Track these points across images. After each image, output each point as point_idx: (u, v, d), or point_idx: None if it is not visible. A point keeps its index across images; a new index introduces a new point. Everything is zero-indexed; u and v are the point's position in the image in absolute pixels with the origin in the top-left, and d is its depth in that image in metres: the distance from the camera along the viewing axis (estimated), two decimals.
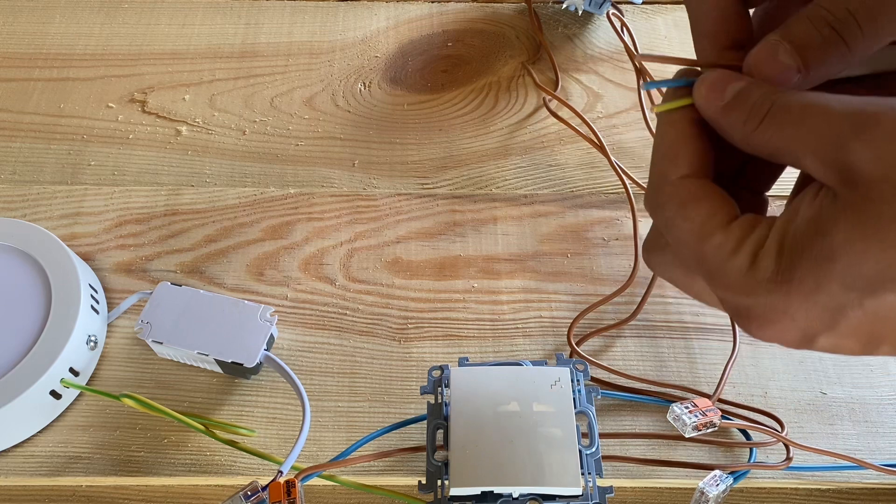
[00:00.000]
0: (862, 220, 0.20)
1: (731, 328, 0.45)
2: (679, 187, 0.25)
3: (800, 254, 0.22)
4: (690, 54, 0.26)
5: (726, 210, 0.24)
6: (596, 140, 0.51)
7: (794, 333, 0.23)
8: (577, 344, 0.44)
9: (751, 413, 0.42)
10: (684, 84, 0.26)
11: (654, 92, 0.53)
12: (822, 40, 0.23)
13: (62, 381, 0.40)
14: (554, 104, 0.54)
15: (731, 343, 0.44)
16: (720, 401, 0.42)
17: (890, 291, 0.21)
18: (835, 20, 0.23)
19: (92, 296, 0.43)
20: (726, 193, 0.25)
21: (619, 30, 0.56)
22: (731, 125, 0.24)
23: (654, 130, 0.52)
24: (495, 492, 0.33)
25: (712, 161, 0.25)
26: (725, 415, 0.41)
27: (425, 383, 0.38)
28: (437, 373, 0.38)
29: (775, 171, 0.28)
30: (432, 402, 0.37)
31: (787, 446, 0.40)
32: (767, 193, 0.28)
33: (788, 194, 0.27)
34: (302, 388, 0.40)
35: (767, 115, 0.23)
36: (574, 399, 0.36)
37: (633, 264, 0.47)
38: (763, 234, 0.23)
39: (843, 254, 0.21)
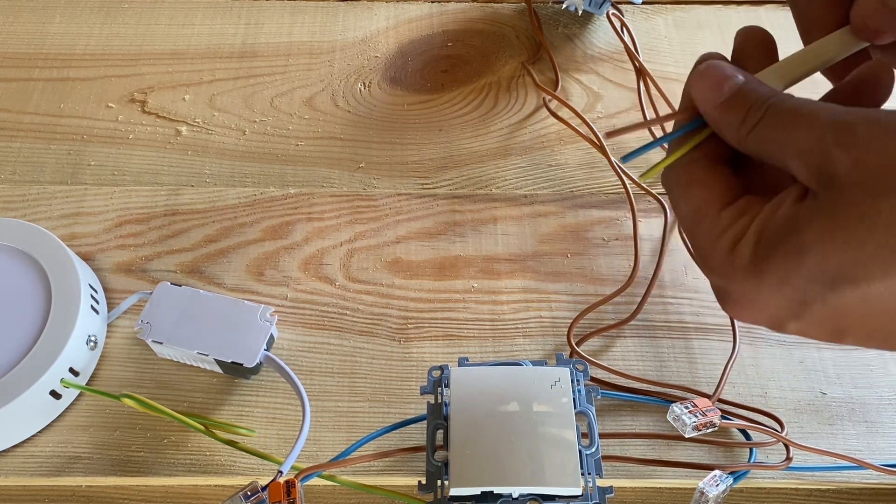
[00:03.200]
0: (832, 221, 0.22)
1: (731, 328, 0.45)
2: (686, 170, 0.27)
3: (774, 247, 0.23)
4: (690, 55, 0.27)
5: (723, 196, 0.26)
6: (596, 140, 0.51)
7: (764, 318, 0.25)
8: (577, 344, 0.44)
9: (751, 413, 0.42)
10: (681, 133, 0.27)
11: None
12: None
13: (62, 381, 0.40)
14: (554, 104, 0.54)
15: (731, 343, 0.44)
16: (720, 401, 0.42)
17: (850, 288, 0.22)
18: None
19: (92, 296, 0.43)
20: (729, 176, 0.26)
21: (619, 30, 0.56)
22: (726, 125, 0.25)
23: (653, 131, 0.52)
24: (495, 492, 0.33)
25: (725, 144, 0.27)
26: (725, 415, 0.41)
27: (425, 383, 0.38)
28: (437, 373, 0.38)
29: None
30: (432, 402, 0.37)
31: (787, 446, 0.40)
32: None
33: None
34: (302, 388, 0.40)
35: (761, 120, 0.24)
36: (574, 399, 0.36)
37: (633, 264, 0.47)
38: (747, 223, 0.24)
39: (811, 251, 0.22)
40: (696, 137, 0.27)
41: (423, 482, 0.35)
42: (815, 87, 0.28)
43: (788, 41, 0.29)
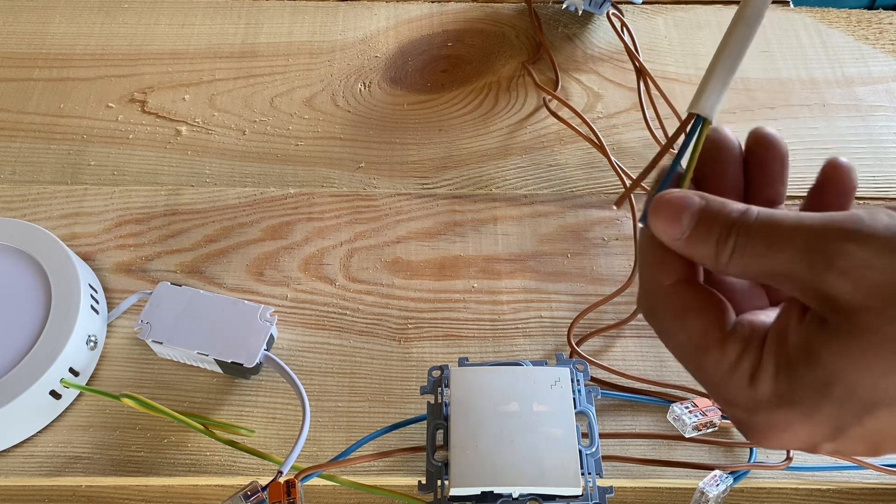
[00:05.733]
0: (852, 348, 0.21)
1: None
2: (672, 296, 0.25)
3: (796, 379, 0.23)
4: (690, 55, 0.26)
5: (720, 321, 0.25)
6: (596, 140, 0.51)
7: (797, 444, 0.24)
8: (577, 344, 0.44)
9: None
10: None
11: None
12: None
13: (62, 381, 0.40)
14: (554, 104, 0.54)
15: None
16: None
17: (884, 410, 0.22)
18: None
19: (92, 296, 0.43)
20: (718, 296, 0.25)
21: (619, 30, 0.56)
22: (700, 258, 0.24)
23: (654, 131, 0.52)
24: (495, 492, 0.33)
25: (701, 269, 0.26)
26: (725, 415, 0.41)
27: (425, 383, 0.38)
28: (437, 373, 0.38)
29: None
30: (432, 402, 0.37)
31: None
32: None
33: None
34: (302, 388, 0.40)
35: (736, 248, 0.23)
36: (574, 399, 0.36)
37: (633, 264, 0.47)
38: (757, 352, 0.24)
39: (838, 381, 0.22)
40: (697, 149, 0.25)
41: (423, 482, 0.35)
42: (815, 87, 0.28)
43: (788, 42, 0.29)
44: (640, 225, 0.27)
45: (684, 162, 0.26)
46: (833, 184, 0.26)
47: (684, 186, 0.26)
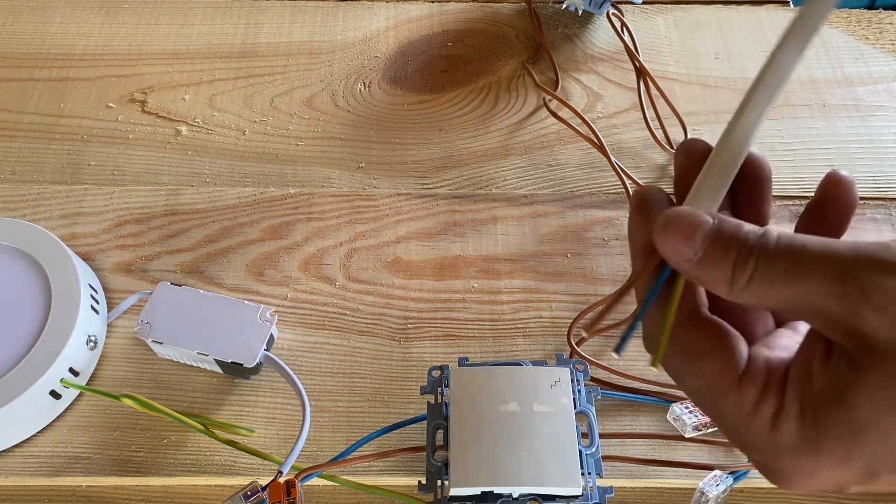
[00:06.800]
0: (887, 394, 0.20)
1: None
2: (679, 339, 0.24)
3: (825, 424, 0.21)
4: (690, 55, 0.26)
5: (733, 362, 0.23)
6: (596, 140, 0.51)
7: (825, 487, 0.23)
8: (577, 344, 0.44)
9: None
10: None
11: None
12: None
13: (62, 381, 0.40)
14: (554, 104, 0.54)
15: None
16: None
17: None
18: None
19: (92, 296, 0.43)
20: (726, 332, 0.24)
21: (619, 30, 0.56)
22: (714, 283, 0.22)
23: (654, 131, 0.52)
24: (495, 492, 0.33)
25: (703, 294, 0.25)
26: None
27: (425, 383, 0.38)
28: (436, 373, 0.38)
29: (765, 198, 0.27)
30: (432, 402, 0.37)
31: None
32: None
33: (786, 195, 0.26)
34: (302, 388, 0.40)
35: (755, 272, 0.22)
36: (574, 399, 0.36)
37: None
38: (778, 395, 0.22)
39: (871, 426, 0.20)
40: (674, 293, 0.23)
41: (423, 482, 0.35)
42: (815, 87, 0.28)
43: None
44: (614, 355, 0.25)
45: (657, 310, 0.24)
46: (833, 200, 0.25)
47: (665, 330, 0.24)
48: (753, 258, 0.22)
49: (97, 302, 0.43)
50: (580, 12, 0.59)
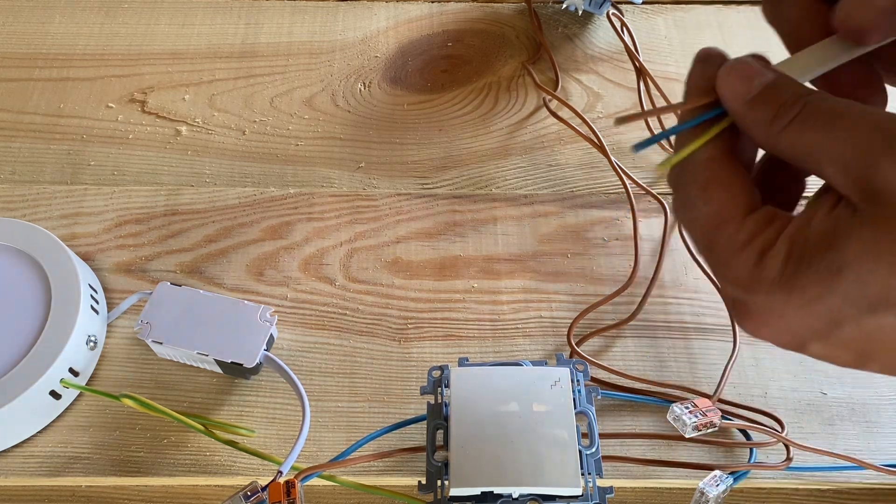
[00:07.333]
0: (877, 239, 0.20)
1: (731, 328, 0.45)
2: (705, 168, 0.24)
3: (808, 262, 0.22)
4: (690, 55, 0.26)
5: (746, 200, 0.24)
6: (596, 140, 0.51)
7: (786, 336, 0.23)
8: (577, 344, 0.44)
9: (751, 413, 0.42)
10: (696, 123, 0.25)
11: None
12: None
13: (62, 381, 0.40)
14: (554, 104, 0.54)
15: (732, 343, 0.44)
16: (720, 401, 0.42)
17: (890, 313, 0.21)
18: None
19: (92, 296, 0.43)
20: (750, 181, 0.24)
21: (619, 30, 0.56)
22: (756, 122, 0.24)
23: (654, 131, 0.52)
24: (495, 492, 0.33)
25: (742, 142, 0.25)
26: (725, 415, 0.41)
27: (425, 383, 0.38)
28: (436, 373, 0.38)
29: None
30: (432, 402, 0.37)
31: (787, 446, 0.40)
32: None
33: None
34: (302, 388, 0.40)
35: (797, 116, 0.23)
36: (574, 399, 0.36)
37: (633, 264, 0.47)
38: (775, 234, 0.23)
39: (851, 269, 0.21)
40: (713, 128, 0.25)
41: (423, 482, 0.35)
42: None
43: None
44: (633, 152, 0.26)
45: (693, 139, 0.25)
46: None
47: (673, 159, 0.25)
48: (799, 105, 0.23)
49: (97, 302, 0.43)
50: (580, 12, 0.59)
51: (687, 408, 0.39)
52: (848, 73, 0.26)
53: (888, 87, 0.27)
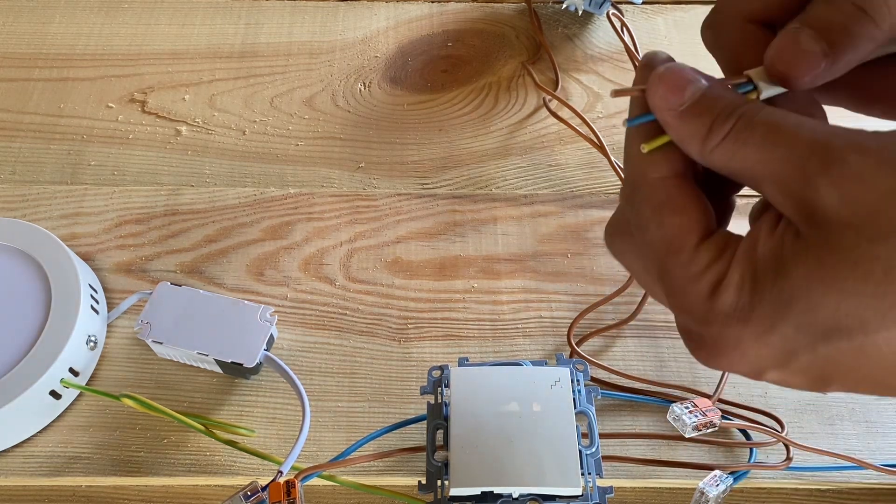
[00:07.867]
0: (821, 266, 0.20)
1: None
2: (658, 189, 0.23)
3: (759, 293, 0.21)
4: (690, 55, 0.26)
5: (702, 225, 0.23)
6: (596, 140, 0.51)
7: (742, 366, 0.23)
8: (577, 344, 0.44)
9: (751, 413, 0.42)
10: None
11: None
12: (846, 19, 0.22)
13: (62, 381, 0.40)
14: (554, 104, 0.54)
15: None
16: (720, 401, 0.42)
17: (843, 339, 0.20)
18: None
19: (92, 296, 0.43)
20: (705, 201, 0.23)
21: (619, 30, 0.56)
22: (689, 135, 0.22)
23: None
24: (495, 492, 0.33)
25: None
26: (725, 415, 0.41)
27: (425, 383, 0.38)
28: (436, 373, 0.38)
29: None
30: (432, 402, 0.37)
31: (787, 446, 0.40)
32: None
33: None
34: (302, 388, 0.40)
35: (732, 131, 0.21)
36: (574, 399, 0.36)
37: None
38: (726, 264, 0.22)
39: (800, 298, 0.20)
40: (659, 139, 0.23)
41: (423, 482, 0.35)
42: None
43: None
44: (625, 126, 0.25)
45: None
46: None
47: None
48: (733, 119, 0.22)
49: (97, 302, 0.43)
50: (580, 12, 0.59)
51: (687, 408, 0.39)
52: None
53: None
